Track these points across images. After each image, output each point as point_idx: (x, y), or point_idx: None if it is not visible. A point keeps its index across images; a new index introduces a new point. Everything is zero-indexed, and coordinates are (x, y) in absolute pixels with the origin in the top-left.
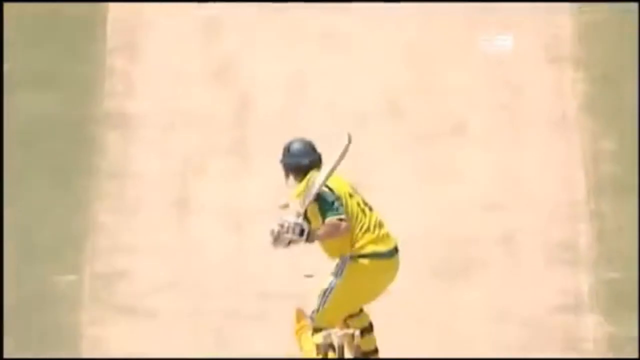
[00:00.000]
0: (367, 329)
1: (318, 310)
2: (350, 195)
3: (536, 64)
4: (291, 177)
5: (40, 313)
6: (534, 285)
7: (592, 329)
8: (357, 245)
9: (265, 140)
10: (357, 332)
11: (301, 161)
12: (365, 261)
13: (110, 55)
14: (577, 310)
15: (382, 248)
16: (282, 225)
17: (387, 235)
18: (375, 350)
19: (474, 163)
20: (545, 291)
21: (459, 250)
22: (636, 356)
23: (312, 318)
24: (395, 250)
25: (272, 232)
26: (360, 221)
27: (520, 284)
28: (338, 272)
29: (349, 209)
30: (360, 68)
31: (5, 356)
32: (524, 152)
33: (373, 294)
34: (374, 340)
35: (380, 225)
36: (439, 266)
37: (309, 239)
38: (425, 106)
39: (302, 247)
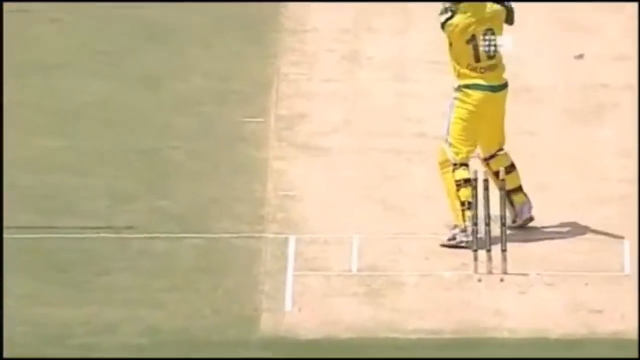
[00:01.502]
0: (509, 169)
1: (447, 146)
2: (483, 34)
3: None
4: None
5: (234, 151)
6: None
7: None
8: (462, 78)
9: (425, 3)
10: (502, 169)
11: None
12: (468, 91)
13: None
14: None
15: (486, 82)
16: None
17: (498, 73)
18: (520, 188)
19: (606, 21)
20: None
21: (593, 95)
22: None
23: (450, 154)
24: (503, 86)
25: None
26: (468, 60)
27: None
28: (450, 107)
29: (454, 44)
30: None
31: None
32: None
33: (483, 124)
34: (517, 178)
35: (495, 67)
36: (576, 109)
37: None
38: None
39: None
